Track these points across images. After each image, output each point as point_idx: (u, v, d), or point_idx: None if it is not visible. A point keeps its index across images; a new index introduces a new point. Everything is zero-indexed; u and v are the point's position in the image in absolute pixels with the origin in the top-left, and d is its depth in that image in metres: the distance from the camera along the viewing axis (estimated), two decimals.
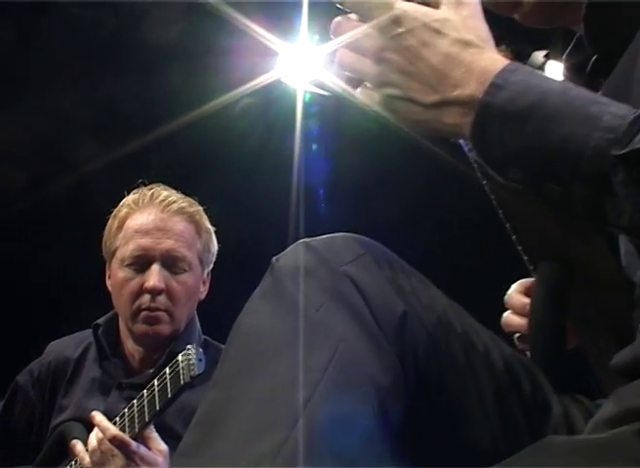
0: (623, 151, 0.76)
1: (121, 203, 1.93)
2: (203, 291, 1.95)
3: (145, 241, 1.83)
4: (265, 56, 3.61)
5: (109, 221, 1.92)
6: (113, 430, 1.65)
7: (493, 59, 0.85)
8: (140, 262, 1.83)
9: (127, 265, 1.84)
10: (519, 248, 1.00)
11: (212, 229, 1.94)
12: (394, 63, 0.87)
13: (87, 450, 1.69)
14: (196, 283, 1.90)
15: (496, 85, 0.83)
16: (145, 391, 1.67)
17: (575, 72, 1.05)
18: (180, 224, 1.86)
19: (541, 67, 3.44)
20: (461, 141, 0.90)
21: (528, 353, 1.01)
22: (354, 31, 0.89)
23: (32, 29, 3.47)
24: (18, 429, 1.95)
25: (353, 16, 0.91)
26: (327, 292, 0.86)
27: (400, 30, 0.86)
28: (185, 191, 1.99)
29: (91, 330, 1.96)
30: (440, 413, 0.90)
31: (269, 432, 0.77)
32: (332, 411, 0.79)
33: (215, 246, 1.96)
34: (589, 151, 0.78)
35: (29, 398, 1.95)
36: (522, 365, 0.96)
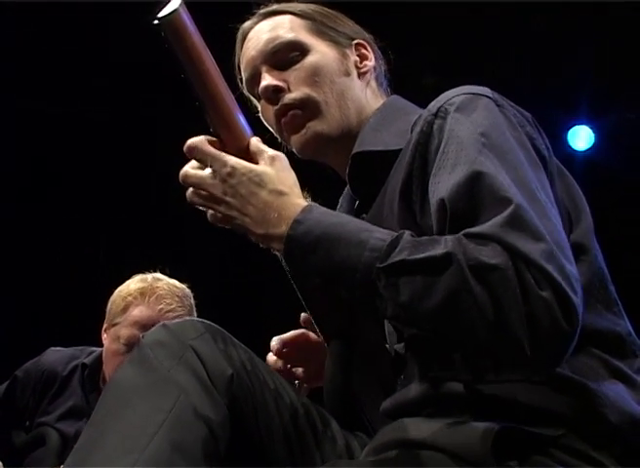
0: (383, 265, 1.06)
1: (131, 289, 2.38)
2: None
3: (140, 334, 2.30)
4: None
5: (117, 297, 2.39)
6: None
7: (296, 204, 1.18)
8: (132, 347, 2.30)
9: (121, 343, 2.32)
10: (316, 327, 1.40)
11: None
12: (232, 205, 1.20)
13: None
14: None
15: (297, 221, 1.15)
16: None
17: (349, 206, 1.45)
18: None
19: None
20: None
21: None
22: (202, 180, 1.21)
23: None
24: (16, 405, 2.43)
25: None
26: (176, 358, 1.23)
27: (233, 182, 1.20)
28: None
29: (82, 348, 2.48)
30: (255, 443, 1.27)
31: (127, 455, 1.13)
32: (172, 440, 1.15)
33: None
34: (361, 266, 1.08)
35: (25, 391, 2.42)
36: (317, 410, 1.35)
